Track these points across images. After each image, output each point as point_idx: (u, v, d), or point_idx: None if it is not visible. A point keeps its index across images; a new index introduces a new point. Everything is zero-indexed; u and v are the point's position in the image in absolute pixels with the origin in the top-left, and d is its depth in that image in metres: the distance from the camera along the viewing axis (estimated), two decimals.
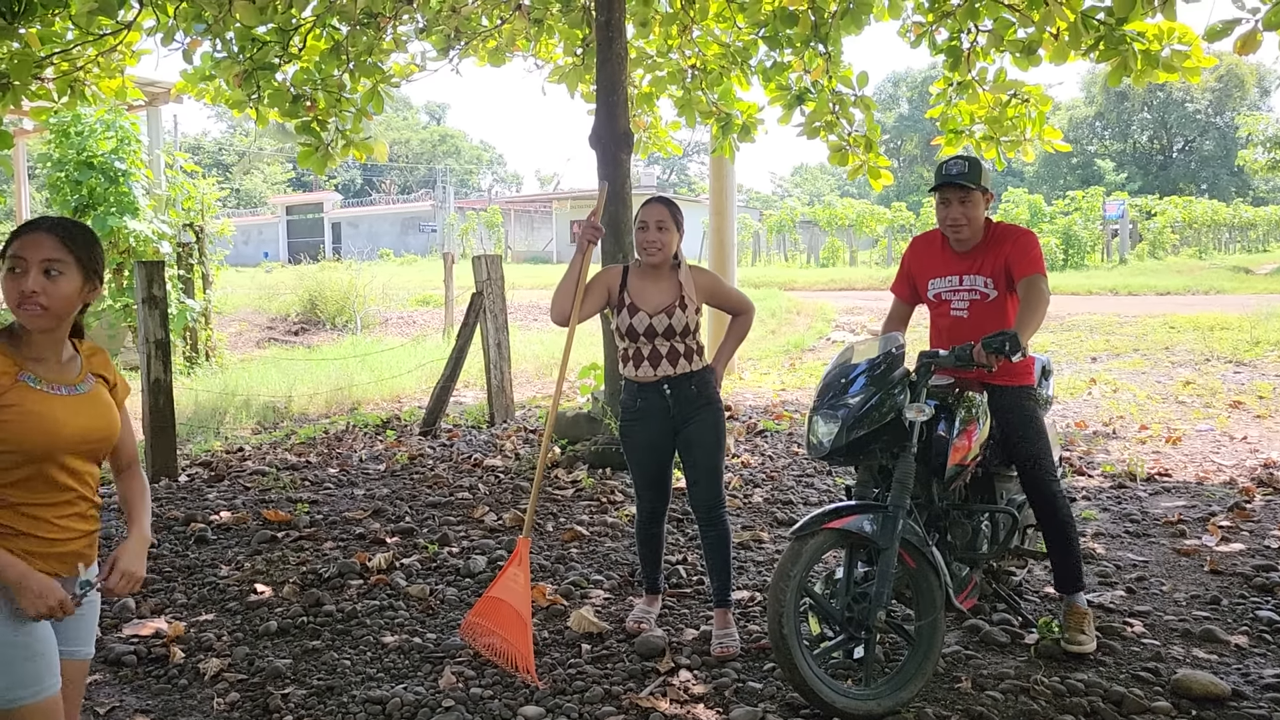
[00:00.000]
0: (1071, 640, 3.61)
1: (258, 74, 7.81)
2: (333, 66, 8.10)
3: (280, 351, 13.73)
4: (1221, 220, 36.86)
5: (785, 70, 8.66)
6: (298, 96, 8.06)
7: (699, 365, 3.74)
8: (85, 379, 2.21)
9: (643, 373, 3.69)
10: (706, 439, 3.70)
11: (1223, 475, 6.29)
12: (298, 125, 8.11)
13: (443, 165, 71.03)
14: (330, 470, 6.76)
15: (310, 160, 8.24)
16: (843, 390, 3.40)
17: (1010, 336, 3.26)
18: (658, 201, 3.71)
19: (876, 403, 3.30)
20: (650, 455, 3.78)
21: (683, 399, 3.69)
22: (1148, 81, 7.09)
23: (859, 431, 3.29)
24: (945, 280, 3.80)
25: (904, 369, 3.40)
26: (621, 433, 3.85)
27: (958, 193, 3.65)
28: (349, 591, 4.32)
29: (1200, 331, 12.45)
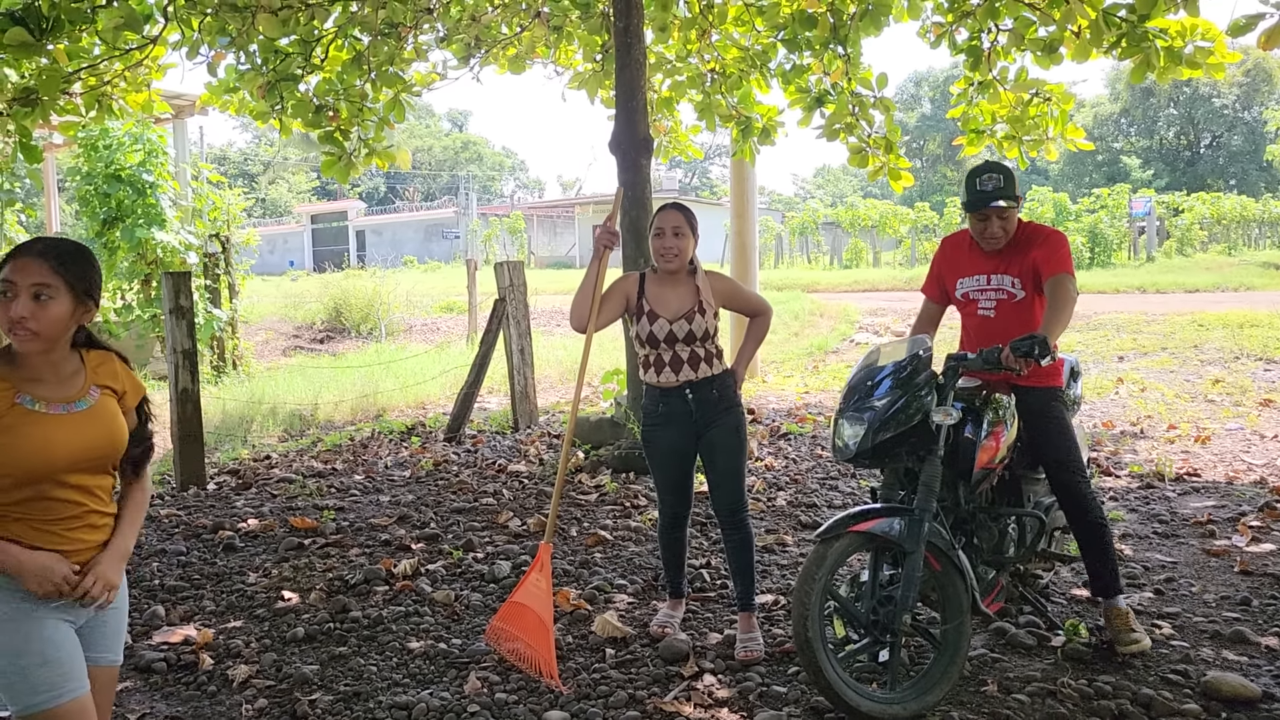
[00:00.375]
0: (1124, 642, 3.55)
1: (281, 85, 7.91)
2: (355, 76, 8.20)
3: (306, 360, 13.85)
4: (1251, 216, 36.37)
5: (804, 73, 8.66)
6: (320, 107, 8.16)
7: (719, 369, 3.75)
8: (88, 393, 2.22)
9: (664, 378, 3.70)
10: (729, 442, 3.70)
11: (1253, 475, 6.21)
12: (321, 135, 8.21)
13: (465, 172, 71.37)
14: (356, 477, 6.82)
15: (334, 169, 8.34)
16: (869, 393, 3.38)
17: (1039, 340, 3.24)
18: (673, 208, 3.73)
19: (903, 405, 3.28)
20: (673, 460, 3.79)
21: (705, 403, 3.70)
22: (1171, 78, 7.04)
23: (885, 434, 3.27)
24: (973, 280, 3.79)
25: (930, 372, 3.39)
26: (644, 438, 3.86)
27: (998, 211, 3.63)
28: (375, 598, 4.35)
29: (1229, 329, 12.30)
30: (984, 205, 3.61)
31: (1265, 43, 5.87)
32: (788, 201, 65.47)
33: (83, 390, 2.21)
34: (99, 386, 2.25)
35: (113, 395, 2.28)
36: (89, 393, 2.22)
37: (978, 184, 3.63)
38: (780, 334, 14.88)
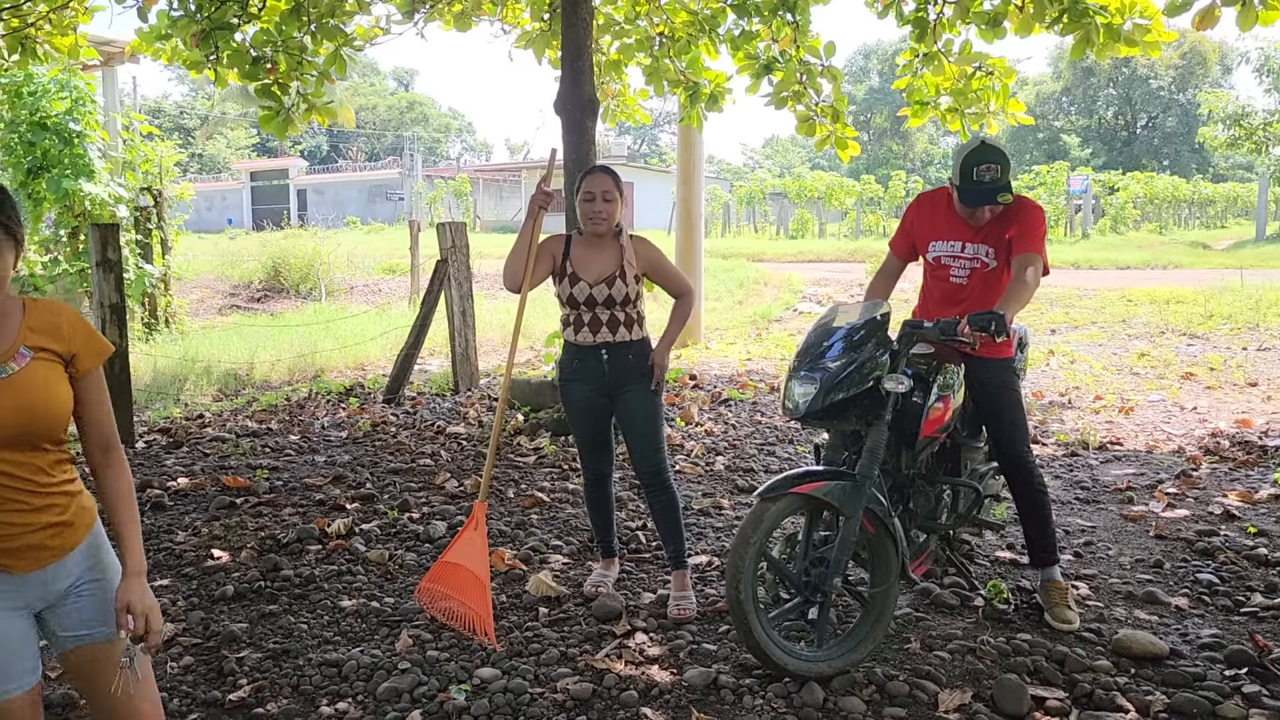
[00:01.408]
0: (1058, 617, 3.63)
1: (216, 34, 7.67)
2: (294, 28, 7.98)
3: (242, 318, 13.59)
4: (1182, 196, 37.36)
5: (753, 39, 8.63)
6: (257, 58, 7.92)
7: (639, 335, 3.76)
8: (16, 356, 1.89)
9: (582, 337, 3.72)
10: (645, 406, 3.72)
11: (1172, 444, 6.43)
12: (258, 88, 7.98)
13: (410, 133, 70.20)
14: (291, 437, 6.73)
15: (271, 124, 8.12)
16: (822, 353, 3.37)
17: (997, 318, 3.24)
18: (601, 172, 3.72)
19: (856, 369, 3.28)
20: (588, 417, 3.81)
21: (619, 366, 3.72)
22: (1110, 55, 7.17)
23: (836, 396, 3.26)
24: (948, 244, 3.75)
25: (885, 336, 3.40)
26: (560, 393, 3.88)
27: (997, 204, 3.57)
28: (307, 557, 4.32)
29: (1156, 305, 12.65)
30: (983, 202, 3.53)
31: (1199, 23, 6.01)
32: (736, 171, 65.56)
33: (9, 352, 1.89)
34: (33, 349, 1.92)
35: (54, 359, 1.95)
36: (17, 355, 1.90)
37: (974, 174, 3.51)
38: (725, 301, 14.96)
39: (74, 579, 2.03)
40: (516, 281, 3.70)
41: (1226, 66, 52.73)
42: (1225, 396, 7.85)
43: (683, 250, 11.14)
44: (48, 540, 1.97)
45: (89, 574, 2.06)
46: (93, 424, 2.06)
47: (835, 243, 28.37)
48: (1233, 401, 7.66)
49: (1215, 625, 3.65)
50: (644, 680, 3.20)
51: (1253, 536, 4.62)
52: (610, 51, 9.34)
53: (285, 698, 3.14)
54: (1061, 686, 3.17)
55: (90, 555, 2.07)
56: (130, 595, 2.00)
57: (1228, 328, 11.12)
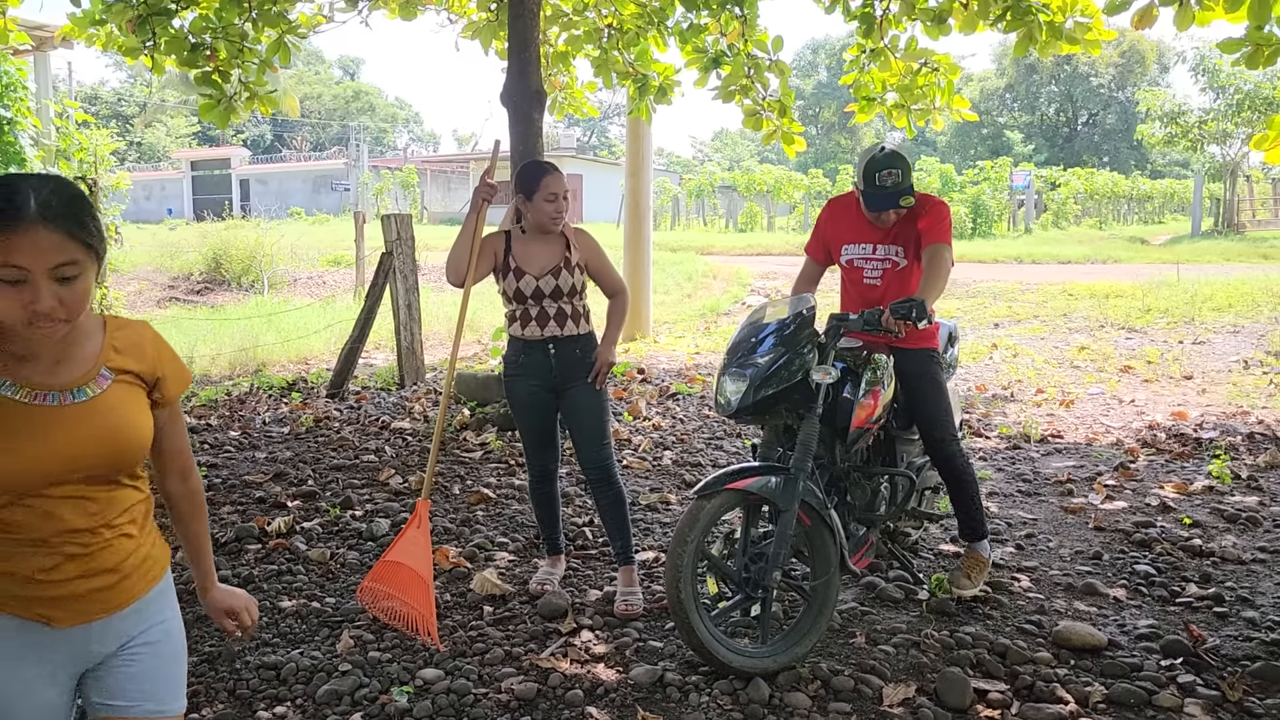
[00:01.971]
0: (956, 582, 3.75)
1: (153, 20, 7.48)
2: (234, 14, 7.81)
3: (182, 311, 13.29)
4: (1121, 192, 38.19)
5: (702, 32, 8.62)
6: (197, 45, 7.74)
7: (585, 329, 3.74)
8: (96, 378, 1.66)
9: (529, 332, 3.69)
10: (591, 401, 3.70)
11: (1110, 436, 6.56)
12: (198, 76, 7.80)
13: (356, 122, 69.20)
14: (231, 433, 6.59)
15: (212, 113, 7.93)
16: (752, 350, 3.42)
17: (918, 304, 3.30)
18: (555, 170, 3.68)
19: (785, 363, 3.32)
20: (534, 412, 3.78)
21: (566, 361, 3.69)
22: (1052, 53, 7.28)
23: (766, 391, 3.30)
24: (860, 248, 3.82)
25: (813, 330, 3.43)
26: (506, 389, 3.84)
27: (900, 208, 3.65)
28: (246, 556, 4.22)
29: (1096, 299, 12.91)
30: (886, 206, 3.61)
31: (1138, 22, 6.12)
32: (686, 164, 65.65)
33: (90, 374, 1.65)
34: (115, 371, 1.69)
35: (137, 382, 1.72)
36: (98, 377, 1.66)
37: (877, 179, 3.59)
38: (673, 295, 14.96)
39: (125, 639, 1.74)
40: (460, 276, 3.65)
41: (1164, 65, 54.02)
42: (1162, 389, 8.02)
43: (631, 243, 11.11)
44: (99, 591, 1.69)
45: (144, 635, 1.76)
46: (173, 454, 1.85)
47: (784, 236, 28.54)
48: (1169, 394, 7.84)
49: (1152, 616, 3.72)
50: (589, 679, 3.18)
51: (1188, 528, 4.72)
52: (558, 43, 9.28)
53: (221, 702, 3.06)
54: (1003, 679, 3.21)
55: (151, 614, 1.78)
56: (230, 599, 1.97)
57: (1165, 321, 11.38)
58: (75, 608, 1.67)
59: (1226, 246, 23.41)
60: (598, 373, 3.71)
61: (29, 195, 1.51)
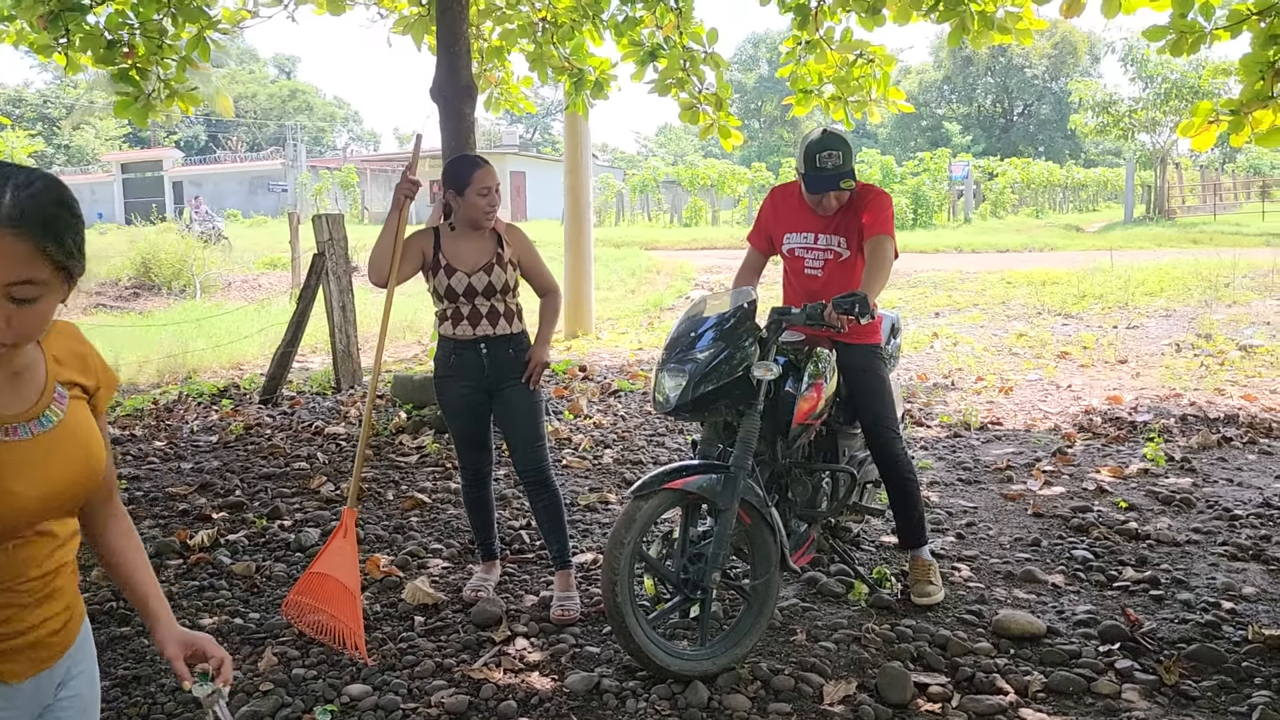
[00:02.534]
0: (920, 593, 3.67)
1: (66, 15, 7.20)
2: (152, 10, 7.55)
3: (109, 318, 12.88)
4: (1056, 181, 38.93)
5: (637, 25, 8.53)
6: (113, 42, 7.48)
7: (518, 328, 3.64)
8: (54, 400, 1.44)
9: (461, 331, 3.58)
10: (525, 402, 3.61)
11: (1049, 423, 6.61)
12: (114, 73, 7.52)
13: (293, 122, 68.02)
14: (157, 443, 6.36)
15: (129, 111, 7.66)
16: (691, 345, 3.31)
17: (860, 299, 3.23)
18: (487, 164, 3.58)
19: (724, 358, 3.23)
20: (466, 414, 3.67)
21: (499, 361, 3.59)
22: (985, 43, 7.32)
23: (706, 387, 3.20)
24: (801, 236, 3.77)
25: (753, 324, 3.35)
26: (437, 390, 3.73)
27: (839, 192, 3.60)
28: (167, 572, 4.04)
29: (1033, 286, 13.09)
30: (826, 189, 3.56)
31: (1067, 10, 6.16)
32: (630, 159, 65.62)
33: (44, 396, 1.43)
34: (66, 385, 1.48)
35: (82, 396, 1.51)
36: (56, 397, 1.45)
37: (817, 160, 3.54)
38: (617, 290, 14.88)
39: (57, 684, 1.55)
40: (383, 275, 3.52)
41: (1095, 56, 55.17)
42: (1098, 374, 8.12)
43: (572, 239, 11.00)
44: (55, 634, 1.50)
45: (73, 681, 1.58)
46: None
47: (728, 230, 28.59)
48: (1105, 379, 7.94)
49: (1090, 601, 3.72)
50: (524, 689, 3.08)
51: (1124, 511, 4.76)
52: (493, 38, 9.14)
53: None
54: (944, 671, 3.17)
55: (80, 656, 1.59)
56: (198, 641, 1.65)
57: (1099, 307, 11.56)
58: (33, 656, 1.47)
59: (1158, 233, 23.95)
60: (531, 373, 3.61)
61: (4, 192, 1.26)
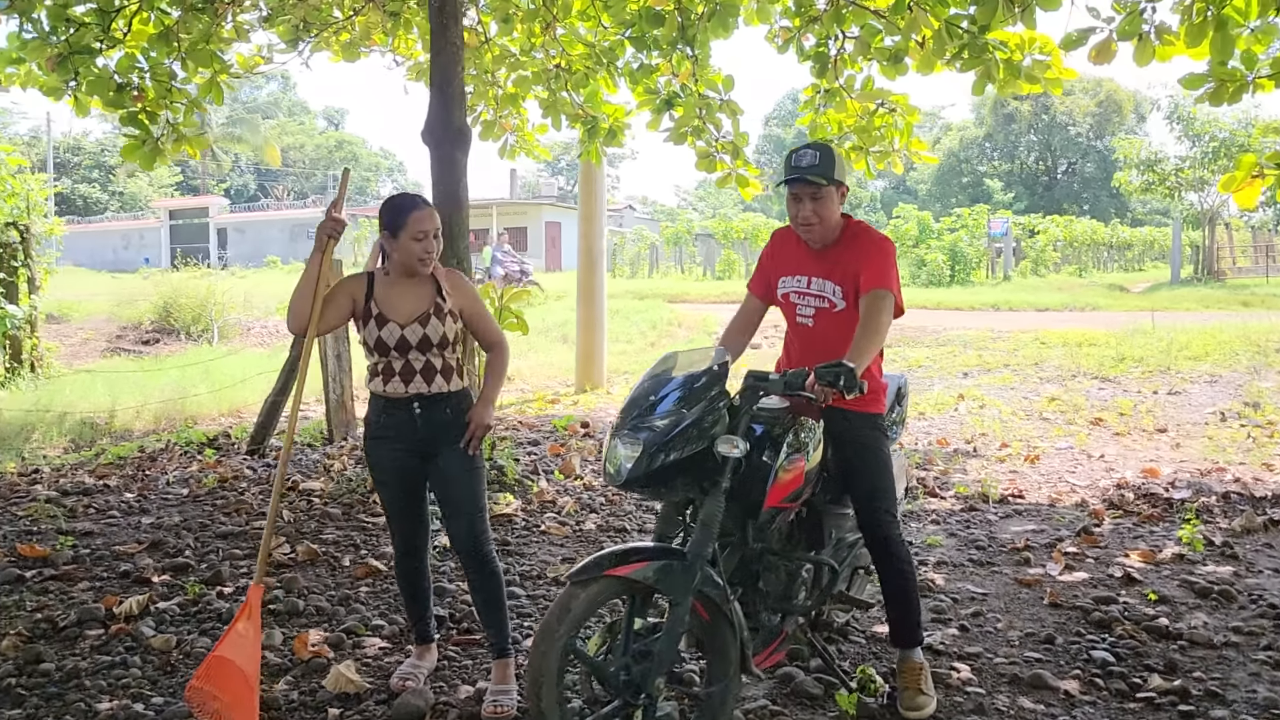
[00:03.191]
0: (909, 703, 3.19)
1: (74, 58, 7.09)
2: (163, 54, 7.47)
3: (124, 362, 12.76)
4: (1100, 240, 38.15)
5: (653, 73, 8.31)
6: (123, 85, 7.38)
7: (457, 386, 3.28)
8: None
9: (391, 388, 3.22)
10: (462, 469, 3.23)
11: (1075, 496, 6.09)
12: (123, 116, 7.43)
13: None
14: (127, 495, 6.06)
15: (136, 154, 7.56)
16: (650, 409, 2.88)
17: (846, 371, 2.83)
18: (429, 206, 3.26)
19: (688, 427, 2.80)
20: (397, 480, 3.31)
21: (434, 423, 3.22)
22: (1012, 92, 6.99)
23: (663, 459, 2.77)
24: (794, 280, 3.41)
25: (723, 390, 2.93)
26: (365, 452, 3.36)
27: (809, 189, 3.25)
28: (83, 644, 3.70)
29: (1069, 347, 12.53)
30: (794, 179, 3.23)
31: (1096, 57, 5.78)
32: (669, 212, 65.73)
33: None
34: None
35: None
36: None
37: (793, 159, 3.27)
38: (636, 344, 14.54)
39: None
40: (302, 323, 3.18)
41: (1140, 114, 54.46)
42: (1133, 443, 7.58)
43: (585, 289, 10.70)
44: None
45: None
46: None
47: None
48: (1141, 449, 7.40)
49: (1107, 716, 3.23)
50: None
51: (1153, 604, 4.24)
52: (508, 85, 8.97)
53: None
54: None
55: None
56: None
57: (1139, 371, 10.98)
58: None
59: (1206, 294, 23.20)
60: (471, 435, 3.24)
61: None
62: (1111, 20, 5.70)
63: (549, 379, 11.59)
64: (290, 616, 3.98)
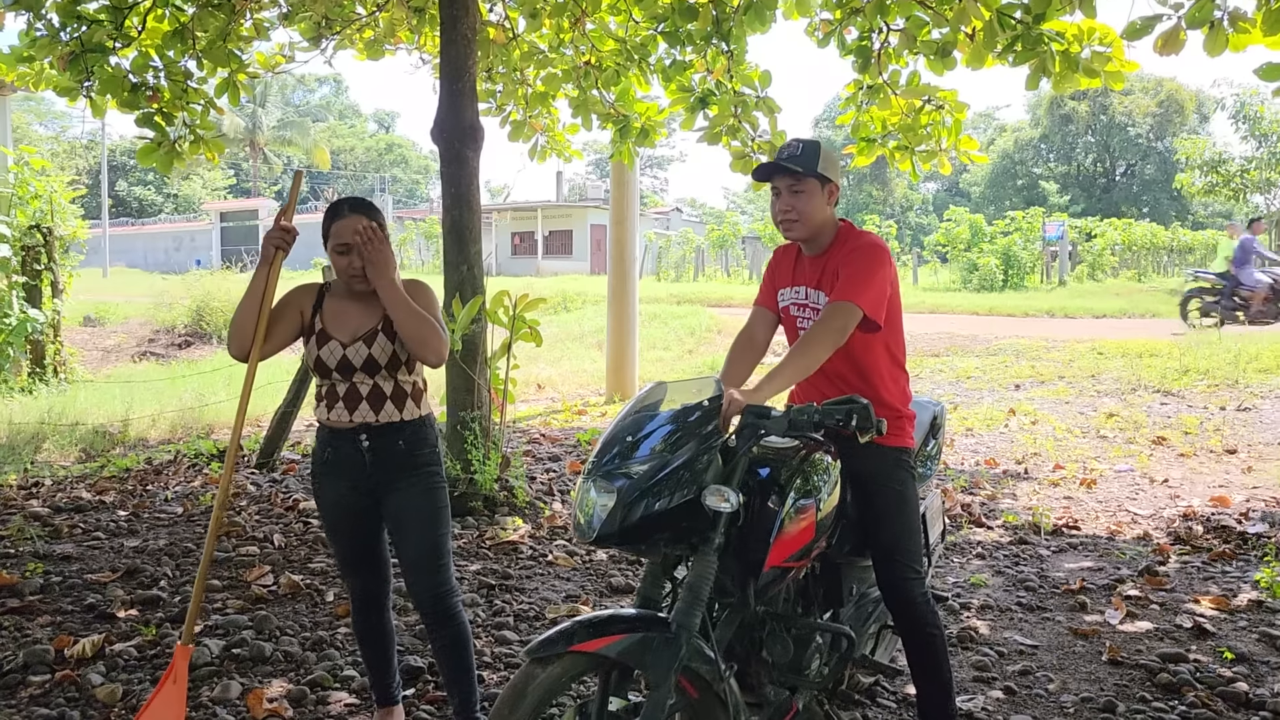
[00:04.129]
0: None
1: (87, 56, 6.88)
2: (179, 52, 7.24)
3: (149, 367, 12.62)
4: (1161, 243, 36.86)
5: (687, 69, 7.91)
6: (138, 85, 7.15)
7: (413, 414, 2.86)
8: None
9: (335, 416, 2.83)
10: (419, 510, 2.83)
11: (1137, 528, 5.53)
12: (139, 117, 7.19)
13: (389, 174, 69.78)
14: (120, 513, 5.77)
15: (152, 157, 7.34)
16: (630, 450, 2.43)
17: (860, 409, 2.43)
18: (353, 210, 2.81)
19: (674, 472, 2.36)
20: (345, 524, 2.92)
21: (385, 457, 2.82)
22: (1069, 88, 6.46)
23: (644, 511, 2.32)
24: (793, 291, 3.01)
25: (718, 428, 2.48)
26: (312, 491, 2.98)
27: (786, 180, 2.85)
28: (23, 694, 3.36)
29: (1129, 358, 11.83)
30: (767, 174, 2.89)
31: (1162, 47, 5.26)
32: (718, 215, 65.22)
33: None
34: None
35: None
36: None
37: (781, 153, 2.90)
38: (674, 350, 14.09)
39: None
40: (244, 346, 2.81)
41: (1203, 114, 52.78)
42: (1200, 466, 6.97)
43: (615, 294, 10.29)
44: None
45: None
46: None
47: None
48: (1209, 472, 6.79)
49: None
50: None
51: (1229, 664, 3.71)
52: (537, 83, 8.62)
53: None
54: None
55: None
56: None
57: (1204, 384, 10.29)
58: None
59: None
60: None
61: None
62: (1180, 6, 5.16)
63: (580, 387, 11.19)
64: (254, 664, 3.61)
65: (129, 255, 48.05)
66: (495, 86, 8.93)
